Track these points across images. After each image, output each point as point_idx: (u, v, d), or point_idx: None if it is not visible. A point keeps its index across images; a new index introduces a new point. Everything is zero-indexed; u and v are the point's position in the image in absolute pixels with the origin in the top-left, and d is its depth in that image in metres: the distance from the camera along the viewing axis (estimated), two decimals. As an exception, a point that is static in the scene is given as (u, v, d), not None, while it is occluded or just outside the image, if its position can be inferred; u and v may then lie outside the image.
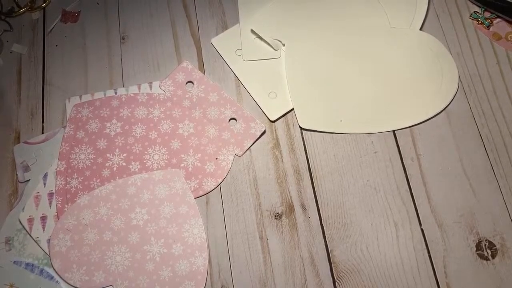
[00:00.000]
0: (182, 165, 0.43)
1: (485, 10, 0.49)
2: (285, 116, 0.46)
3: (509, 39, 0.48)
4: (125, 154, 0.44)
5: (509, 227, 0.40)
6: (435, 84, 0.45)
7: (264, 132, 0.45)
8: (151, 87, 0.46)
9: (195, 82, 0.46)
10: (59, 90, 0.48)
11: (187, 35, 0.50)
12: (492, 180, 0.42)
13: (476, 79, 0.46)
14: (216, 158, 0.44)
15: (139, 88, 0.47)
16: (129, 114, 0.45)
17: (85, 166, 0.43)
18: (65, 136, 0.44)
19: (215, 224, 0.42)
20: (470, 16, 0.49)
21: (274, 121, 0.46)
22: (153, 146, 0.44)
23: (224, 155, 0.44)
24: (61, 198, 0.42)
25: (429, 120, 0.44)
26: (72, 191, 0.42)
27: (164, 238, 0.41)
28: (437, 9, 0.49)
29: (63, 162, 0.43)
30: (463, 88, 0.46)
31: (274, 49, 0.48)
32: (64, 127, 0.45)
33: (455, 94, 0.45)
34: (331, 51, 0.47)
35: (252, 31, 0.48)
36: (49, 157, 0.44)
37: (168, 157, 0.44)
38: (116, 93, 0.46)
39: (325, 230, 0.42)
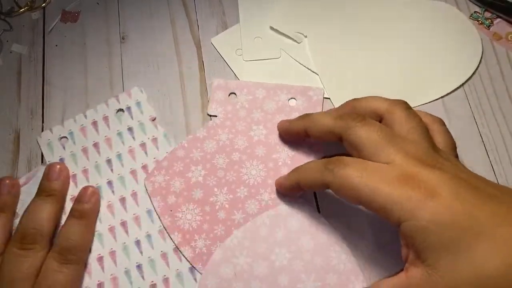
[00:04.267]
0: (280, 164, 0.42)
1: (486, 10, 0.49)
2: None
3: (510, 39, 0.48)
4: (225, 188, 0.42)
5: (509, 227, 0.40)
6: (456, 56, 0.46)
7: (324, 95, 0.45)
8: (119, 100, 0.46)
9: (236, 91, 0.46)
10: (59, 90, 0.48)
11: (187, 34, 0.50)
12: (492, 180, 0.42)
13: (477, 79, 0.46)
14: None
15: (107, 105, 0.46)
16: (202, 154, 0.43)
17: (199, 223, 0.41)
18: (159, 210, 0.41)
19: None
20: (470, 16, 0.49)
21: None
22: (242, 165, 0.42)
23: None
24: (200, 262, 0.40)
25: (430, 120, 0.44)
26: (204, 250, 0.40)
27: (314, 272, 0.38)
28: (438, 9, 0.49)
29: (180, 235, 0.40)
30: (463, 88, 0.46)
31: (297, 42, 0.48)
32: (45, 163, 0.44)
33: (479, 64, 0.46)
34: (350, 33, 0.48)
35: (271, 28, 0.49)
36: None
37: (264, 166, 0.42)
38: (86, 116, 0.45)
39: (325, 230, 0.41)
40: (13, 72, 0.49)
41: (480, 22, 0.48)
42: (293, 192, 0.40)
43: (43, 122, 0.47)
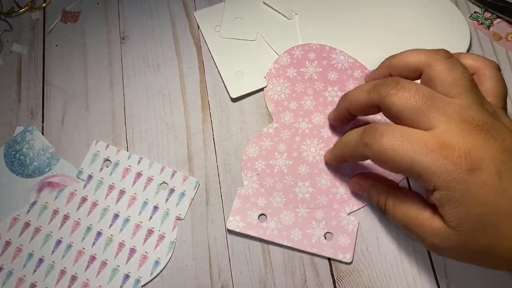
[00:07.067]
0: None
1: (485, 10, 0.49)
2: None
3: (510, 39, 0.48)
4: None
5: (509, 228, 0.40)
6: (444, 42, 0.46)
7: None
8: (170, 179, 0.44)
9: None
10: (59, 90, 0.48)
11: (187, 34, 0.50)
12: None
13: (476, 79, 0.46)
14: None
15: (160, 170, 0.44)
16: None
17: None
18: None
19: (215, 224, 0.42)
20: (470, 16, 0.49)
21: (234, 100, 0.46)
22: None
23: None
24: None
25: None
26: None
27: None
28: (437, 9, 0.49)
29: None
30: (463, 88, 0.46)
31: (288, 19, 0.49)
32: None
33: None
34: (342, 16, 0.49)
35: (264, 3, 0.50)
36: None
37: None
38: (138, 162, 0.44)
39: (325, 230, 0.42)
40: (13, 72, 0.50)
41: (480, 22, 0.48)
42: (342, 163, 0.41)
43: (43, 122, 0.47)
